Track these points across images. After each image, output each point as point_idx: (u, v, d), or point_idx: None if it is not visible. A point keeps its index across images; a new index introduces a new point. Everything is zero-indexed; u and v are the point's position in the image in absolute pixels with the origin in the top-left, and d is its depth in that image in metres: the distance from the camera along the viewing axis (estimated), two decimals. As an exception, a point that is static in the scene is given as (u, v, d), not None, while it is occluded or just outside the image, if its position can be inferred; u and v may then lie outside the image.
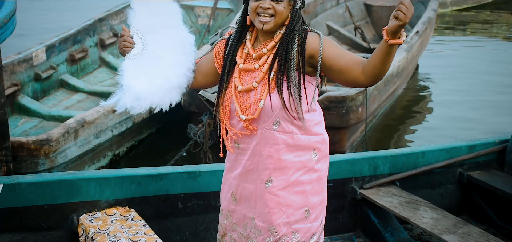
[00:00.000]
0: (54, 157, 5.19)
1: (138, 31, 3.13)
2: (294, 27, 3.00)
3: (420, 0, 9.91)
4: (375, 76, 2.89)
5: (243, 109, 3.04)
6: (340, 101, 5.99)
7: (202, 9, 9.47)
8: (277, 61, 2.99)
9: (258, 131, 3.05)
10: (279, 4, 2.96)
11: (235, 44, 3.09)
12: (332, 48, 2.98)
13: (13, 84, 6.57)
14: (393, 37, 2.75)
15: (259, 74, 3.01)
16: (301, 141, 3.07)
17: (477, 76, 9.21)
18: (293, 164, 3.08)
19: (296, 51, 2.98)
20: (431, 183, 4.96)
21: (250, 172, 3.12)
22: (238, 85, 3.04)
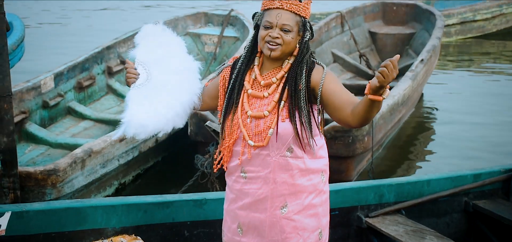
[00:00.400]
0: (61, 187, 5.23)
1: (142, 62, 3.20)
2: (302, 59, 3.08)
3: (424, 28, 9.97)
4: (361, 121, 2.95)
5: (250, 135, 3.09)
6: (346, 130, 6.00)
7: (208, 37, 9.53)
8: (287, 91, 3.06)
9: (271, 158, 3.09)
10: (287, 35, 3.03)
11: (243, 69, 3.15)
12: (332, 84, 3.05)
13: (21, 112, 6.63)
14: (374, 94, 2.79)
15: (270, 103, 3.07)
16: (311, 164, 3.15)
17: (482, 104, 9.22)
18: (306, 188, 3.15)
19: (304, 81, 3.04)
20: (437, 211, 4.96)
21: (261, 201, 3.15)
22: (248, 110, 3.09)
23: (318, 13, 12.88)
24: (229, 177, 3.24)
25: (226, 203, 3.28)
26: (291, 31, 3.04)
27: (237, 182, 3.19)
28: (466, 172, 5.08)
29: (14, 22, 7.39)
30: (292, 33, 3.05)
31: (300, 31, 3.09)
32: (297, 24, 3.06)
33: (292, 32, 3.04)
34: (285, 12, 3.04)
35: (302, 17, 3.08)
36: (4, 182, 4.74)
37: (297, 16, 3.07)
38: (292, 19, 3.05)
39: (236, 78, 3.15)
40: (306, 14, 3.10)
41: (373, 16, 10.60)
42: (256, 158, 3.12)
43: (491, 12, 13.23)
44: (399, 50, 10.09)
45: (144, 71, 3.18)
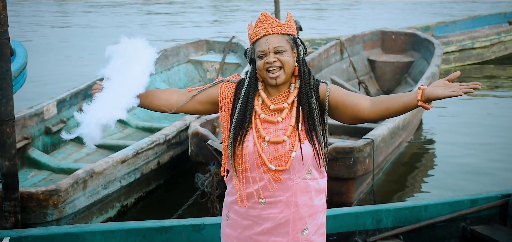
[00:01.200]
0: (62, 207, 5.24)
1: (107, 76, 3.27)
2: (309, 80, 3.13)
3: (423, 57, 10.02)
4: (384, 116, 3.07)
5: (270, 160, 3.10)
6: (347, 152, 6.04)
7: (210, 63, 9.61)
8: (302, 114, 3.11)
9: (292, 182, 3.12)
10: (283, 55, 3.09)
11: (251, 97, 3.16)
12: (338, 91, 3.14)
13: (24, 138, 6.68)
14: (426, 102, 2.89)
15: (287, 128, 3.09)
16: (322, 184, 3.22)
17: (481, 130, 9.25)
18: (319, 208, 3.21)
19: (315, 102, 3.10)
20: (435, 237, 4.99)
21: (283, 225, 3.15)
22: (265, 135, 3.11)
23: (318, 38, 12.99)
24: (241, 204, 3.18)
25: (236, 230, 3.21)
26: (285, 51, 3.09)
27: (254, 208, 3.16)
28: (463, 197, 5.12)
29: (17, 49, 7.46)
30: (287, 52, 3.09)
31: (293, 48, 3.13)
32: (288, 43, 3.11)
33: (286, 51, 3.09)
34: (272, 37, 3.10)
35: (290, 35, 3.14)
36: (5, 205, 4.76)
37: (285, 35, 3.12)
38: (282, 40, 3.10)
39: (245, 105, 3.15)
40: (292, 32, 3.15)
41: (372, 44, 10.68)
42: (276, 183, 3.12)
43: (490, 40, 13.31)
44: (398, 78, 10.16)
45: (107, 83, 3.25)
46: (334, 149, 6.00)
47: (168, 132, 6.73)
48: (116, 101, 3.19)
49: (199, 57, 9.74)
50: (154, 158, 6.50)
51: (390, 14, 20.88)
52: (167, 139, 6.65)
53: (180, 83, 9.27)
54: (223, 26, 19.42)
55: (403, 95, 3.01)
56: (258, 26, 3.13)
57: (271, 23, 3.11)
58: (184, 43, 9.81)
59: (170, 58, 9.37)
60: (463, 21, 14.08)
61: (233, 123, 3.14)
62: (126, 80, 3.24)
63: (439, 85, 2.87)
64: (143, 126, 7.92)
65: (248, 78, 3.18)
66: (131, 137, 7.68)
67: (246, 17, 21.09)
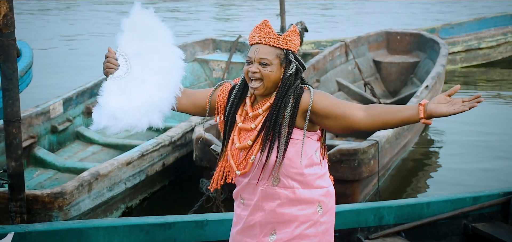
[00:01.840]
0: (67, 210, 5.26)
1: (124, 54, 3.13)
2: (286, 91, 3.08)
3: (429, 57, 10.02)
4: (380, 128, 3.02)
5: (238, 165, 3.16)
6: (351, 154, 6.03)
7: (216, 63, 9.63)
8: (268, 122, 3.08)
9: (259, 187, 3.15)
10: (265, 68, 3.07)
11: (236, 103, 3.19)
12: (324, 99, 3.08)
13: (30, 137, 6.72)
14: (428, 118, 2.88)
15: (253, 133, 3.11)
16: (303, 194, 3.15)
17: (488, 129, 9.25)
18: (296, 217, 3.15)
19: (290, 111, 3.07)
20: (436, 234, 5.01)
21: (252, 227, 3.20)
22: (236, 142, 3.15)
23: (324, 40, 13.00)
24: (235, 202, 3.31)
25: (232, 227, 3.36)
26: (270, 64, 3.06)
27: (239, 207, 3.27)
28: (465, 194, 5.13)
29: (23, 49, 7.49)
30: (272, 66, 3.06)
31: (283, 63, 3.09)
32: (278, 58, 3.08)
33: (271, 65, 3.06)
34: (263, 47, 3.08)
35: (283, 49, 3.10)
36: (11, 206, 4.78)
37: (277, 49, 3.09)
38: (271, 52, 3.07)
39: (229, 112, 3.19)
40: (288, 46, 3.11)
41: (377, 45, 10.65)
42: (248, 187, 3.18)
43: (496, 40, 13.27)
44: (404, 78, 10.15)
45: (124, 63, 3.12)
46: (338, 151, 5.99)
47: (173, 133, 6.74)
48: (148, 101, 3.09)
49: (205, 56, 9.75)
50: (159, 159, 6.52)
51: (395, 17, 20.86)
52: (172, 140, 6.67)
53: (186, 82, 9.28)
54: (229, 24, 19.45)
55: (402, 109, 2.96)
56: (255, 32, 3.12)
57: (266, 33, 3.09)
58: (190, 42, 9.83)
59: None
60: (469, 23, 14.03)
61: (225, 128, 3.21)
62: (156, 75, 3.15)
63: (441, 102, 2.84)
64: (149, 125, 7.94)
65: (239, 84, 3.21)
66: (137, 136, 7.67)
67: (252, 16, 21.12)
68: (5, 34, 4.63)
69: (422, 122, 2.87)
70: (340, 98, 9.28)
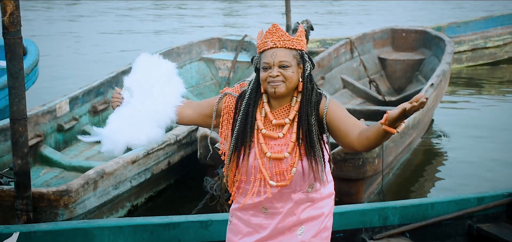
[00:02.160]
0: (73, 208, 5.27)
1: (128, 88, 3.28)
2: (310, 97, 3.12)
3: (434, 54, 10.00)
4: (367, 147, 3.01)
5: (271, 176, 3.13)
6: (356, 153, 6.02)
7: (222, 62, 9.63)
8: (302, 131, 3.10)
9: (295, 195, 3.18)
10: (287, 70, 3.09)
11: (252, 110, 3.17)
12: (336, 111, 3.11)
13: (36, 135, 6.73)
14: (390, 125, 2.83)
15: (288, 144, 3.11)
16: (325, 192, 3.27)
17: (494, 129, 9.23)
18: (322, 213, 3.26)
19: (315, 119, 3.10)
20: (441, 234, 5.02)
21: (281, 232, 3.22)
22: (267, 151, 3.13)
23: (329, 38, 12.99)
24: (244, 212, 3.26)
25: (236, 236, 3.30)
26: (290, 66, 3.09)
27: (257, 216, 3.24)
28: (470, 195, 5.14)
29: (29, 47, 7.53)
30: (292, 67, 3.09)
31: (299, 64, 3.13)
32: (295, 58, 3.11)
33: (291, 67, 3.09)
34: (279, 50, 3.10)
35: (298, 50, 3.14)
36: (17, 204, 4.79)
37: (293, 50, 3.12)
38: (288, 54, 3.10)
39: (245, 119, 3.16)
40: (301, 47, 3.15)
41: (382, 42, 10.64)
42: (278, 196, 3.18)
43: (503, 39, 13.24)
44: (409, 76, 10.13)
45: (128, 95, 3.27)
46: (342, 150, 5.97)
47: (179, 132, 6.74)
48: (148, 119, 3.23)
49: (211, 55, 9.74)
50: (164, 158, 6.54)
51: (401, 14, 20.83)
52: (177, 139, 6.68)
53: (192, 81, 9.29)
54: (235, 23, 19.46)
55: (376, 123, 2.95)
56: (267, 38, 3.13)
57: (280, 36, 3.11)
58: (196, 41, 9.84)
59: (182, 56, 9.38)
60: (475, 21, 14.01)
61: (234, 136, 3.17)
62: (158, 98, 3.28)
63: (398, 107, 2.79)
64: (155, 125, 7.95)
65: (250, 90, 3.20)
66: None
67: (258, 16, 21.15)
68: (11, 32, 4.64)
69: (383, 128, 2.83)
70: (344, 96, 9.34)
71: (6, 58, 4.69)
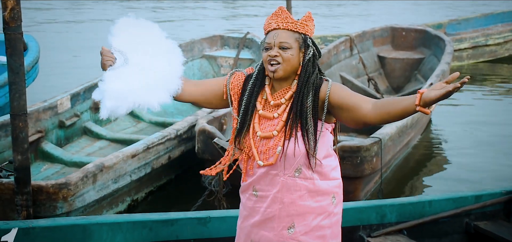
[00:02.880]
0: (72, 201, 5.30)
1: (119, 49, 3.10)
2: (307, 78, 3.12)
3: (433, 54, 10.01)
4: (385, 120, 3.00)
5: (260, 156, 3.16)
6: (354, 151, 6.04)
7: (224, 59, 9.66)
8: (294, 111, 3.10)
9: (279, 178, 3.15)
10: (286, 52, 3.09)
11: (256, 90, 3.20)
12: (340, 91, 3.09)
13: (37, 131, 6.77)
14: (424, 106, 2.80)
15: (278, 123, 3.13)
16: (321, 186, 3.19)
17: (495, 126, 9.25)
18: (314, 209, 3.18)
19: (311, 100, 3.09)
20: (438, 232, 5.04)
21: (270, 220, 3.20)
22: (257, 130, 3.16)
23: (330, 35, 13.01)
24: (243, 194, 3.30)
25: (239, 219, 3.34)
26: (290, 48, 3.09)
27: (250, 199, 3.26)
28: (467, 193, 5.17)
29: (29, 43, 7.52)
30: (292, 50, 3.10)
31: (301, 48, 3.13)
32: (297, 41, 3.12)
33: (291, 49, 3.10)
34: (282, 31, 3.11)
35: (301, 34, 3.14)
36: (17, 199, 4.83)
37: (296, 33, 3.13)
38: (290, 36, 3.11)
39: (249, 99, 3.20)
40: (306, 31, 3.15)
41: (382, 40, 10.66)
42: (265, 177, 3.18)
43: (504, 37, 13.26)
44: (408, 75, 10.15)
45: (121, 56, 3.08)
46: (340, 147, 5.99)
47: (179, 127, 6.77)
48: (153, 80, 3.07)
49: (214, 53, 9.78)
50: (165, 152, 6.55)
51: (402, 12, 20.83)
52: (178, 133, 6.70)
53: (194, 78, 9.33)
54: (235, 21, 19.48)
55: (403, 99, 2.94)
56: (272, 19, 3.15)
57: (284, 18, 3.13)
58: (198, 38, 9.86)
59: (184, 53, 9.35)
60: (476, 18, 14.02)
61: (240, 116, 3.20)
62: (164, 62, 3.14)
63: (436, 88, 2.78)
64: (156, 120, 7.97)
65: (256, 72, 3.22)
66: (144, 131, 7.75)
67: (259, 12, 21.16)
68: (12, 27, 4.66)
69: (418, 109, 2.80)
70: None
71: (6, 54, 4.71)
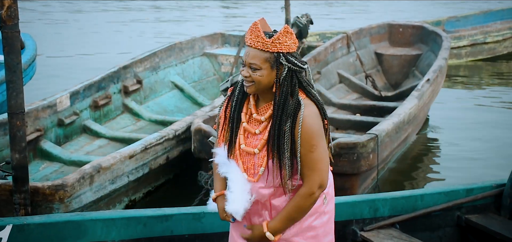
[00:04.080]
0: (68, 202, 5.26)
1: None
2: (284, 101, 3.08)
3: (431, 50, 10.02)
4: None
5: (245, 169, 3.19)
6: (350, 147, 6.04)
7: (225, 57, 9.67)
8: (271, 135, 3.10)
9: (265, 189, 3.19)
10: (255, 72, 3.07)
11: (239, 101, 3.20)
12: (308, 133, 3.09)
13: (36, 130, 6.77)
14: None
15: (260, 142, 3.13)
16: None
17: (490, 125, 9.27)
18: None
19: (289, 128, 3.08)
20: (430, 225, 5.09)
21: (260, 223, 3.25)
22: (242, 143, 3.18)
23: (329, 32, 13.03)
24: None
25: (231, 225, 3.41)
26: (259, 69, 3.05)
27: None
28: (459, 186, 5.20)
29: (26, 41, 7.54)
30: (261, 71, 3.05)
31: (273, 67, 3.06)
32: (268, 61, 3.05)
33: (260, 70, 3.05)
34: (252, 50, 3.07)
35: (273, 53, 3.06)
36: (16, 198, 4.77)
37: (266, 53, 3.05)
38: (259, 56, 3.05)
39: (234, 111, 3.21)
40: (278, 49, 3.06)
41: (379, 37, 10.65)
42: (253, 187, 3.21)
43: (502, 34, 13.25)
44: (405, 71, 10.14)
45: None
46: (337, 144, 6.00)
47: (178, 127, 6.74)
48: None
49: (214, 51, 9.78)
50: (163, 153, 6.53)
51: (401, 8, 20.81)
52: (176, 134, 6.67)
53: (194, 76, 9.33)
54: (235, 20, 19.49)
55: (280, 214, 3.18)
56: (247, 34, 3.10)
57: (256, 36, 3.06)
58: (199, 36, 9.87)
59: (185, 51, 9.39)
60: (475, 16, 14.03)
61: (229, 128, 3.23)
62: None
63: None
64: (156, 119, 8.01)
65: (240, 84, 3.21)
66: (144, 130, 7.76)
67: (258, 9, 21.16)
68: (9, 26, 4.61)
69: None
70: (340, 91, 9.39)
71: (3, 52, 4.68)
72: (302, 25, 10.26)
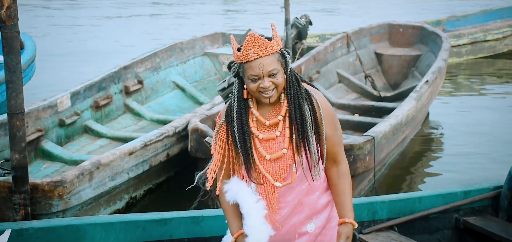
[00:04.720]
0: (68, 199, 5.27)
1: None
2: (298, 89, 3.14)
3: (431, 50, 10.01)
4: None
5: (275, 177, 3.19)
6: (347, 149, 5.99)
7: (226, 56, 9.69)
8: (295, 124, 3.13)
9: (300, 187, 3.23)
10: (277, 77, 3.09)
11: (244, 119, 3.18)
12: (328, 128, 3.23)
13: (37, 130, 6.78)
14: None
15: (284, 140, 3.15)
16: (326, 183, 3.36)
17: (489, 125, 9.27)
18: (328, 203, 3.36)
19: (309, 110, 3.16)
20: (429, 228, 5.11)
21: (291, 223, 3.30)
22: (265, 154, 3.17)
23: (328, 33, 13.03)
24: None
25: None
26: (278, 72, 3.08)
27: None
28: (457, 189, 5.23)
29: (26, 42, 7.55)
30: (279, 72, 3.08)
31: (282, 63, 3.12)
32: (279, 61, 3.10)
33: (278, 72, 3.08)
34: (264, 59, 3.07)
35: (279, 51, 3.12)
36: (15, 198, 4.82)
37: (276, 54, 3.10)
38: (274, 61, 3.09)
39: (241, 130, 3.16)
40: (280, 45, 3.14)
41: (379, 37, 10.64)
42: (285, 191, 3.23)
43: (502, 32, 13.25)
44: (405, 72, 10.13)
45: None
46: None
47: (178, 124, 6.74)
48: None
49: (215, 50, 9.80)
50: (163, 150, 6.53)
51: (401, 9, 20.81)
52: (176, 131, 6.68)
53: (195, 76, 9.35)
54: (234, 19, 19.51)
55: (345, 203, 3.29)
56: (248, 49, 3.07)
57: (261, 45, 3.06)
58: (200, 36, 9.88)
59: (185, 51, 9.41)
60: (474, 15, 14.02)
61: (241, 149, 3.18)
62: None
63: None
64: (158, 118, 8.02)
65: (236, 101, 3.18)
66: (145, 129, 7.76)
67: (257, 9, 21.18)
68: (8, 26, 4.64)
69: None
70: (340, 90, 9.41)
71: (3, 52, 4.70)
72: (301, 26, 10.27)
